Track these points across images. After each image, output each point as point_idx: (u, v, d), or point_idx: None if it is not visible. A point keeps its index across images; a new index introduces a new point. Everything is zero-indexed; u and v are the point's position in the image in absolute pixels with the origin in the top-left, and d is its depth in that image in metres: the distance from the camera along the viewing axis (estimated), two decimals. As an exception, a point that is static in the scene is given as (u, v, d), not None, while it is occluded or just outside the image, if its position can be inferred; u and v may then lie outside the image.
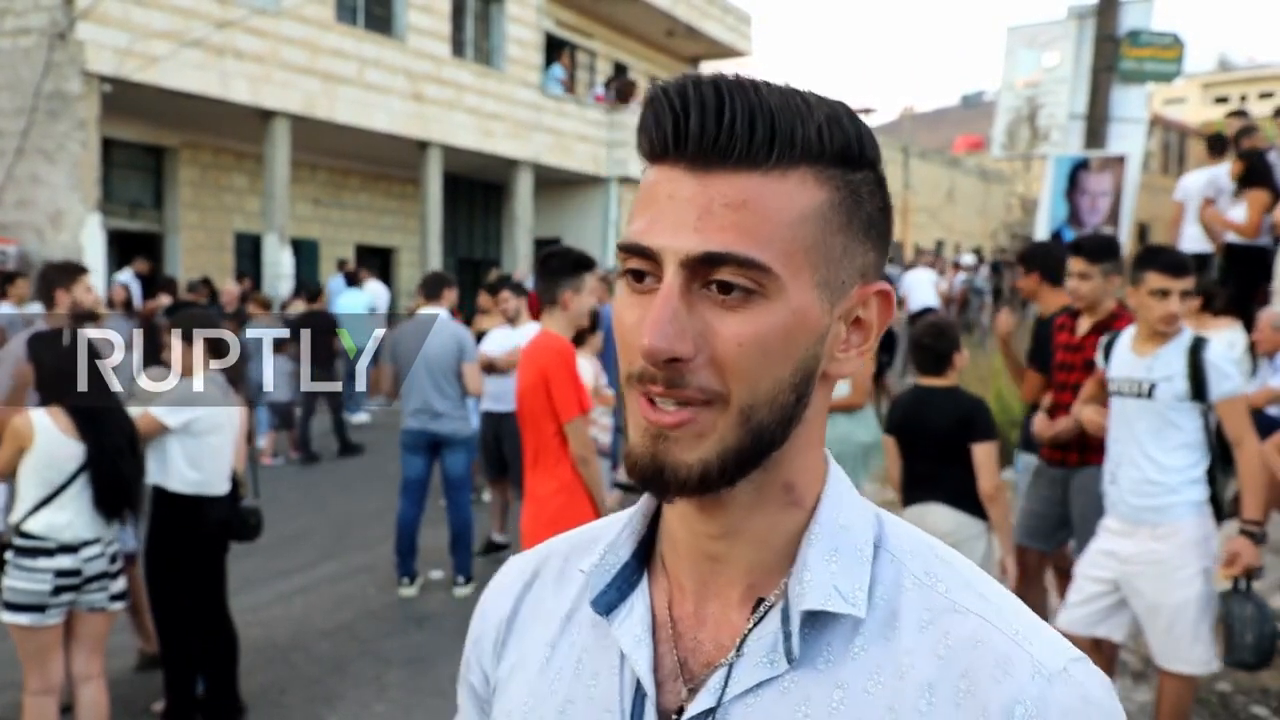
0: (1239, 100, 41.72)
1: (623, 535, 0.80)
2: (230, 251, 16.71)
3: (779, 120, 0.66)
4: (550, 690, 0.80)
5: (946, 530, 3.67)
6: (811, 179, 0.68)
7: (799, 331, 0.68)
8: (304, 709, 4.35)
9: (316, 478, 9.10)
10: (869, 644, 0.70)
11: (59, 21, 11.99)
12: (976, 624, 0.69)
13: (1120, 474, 3.45)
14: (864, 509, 0.75)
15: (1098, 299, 4.00)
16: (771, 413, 0.68)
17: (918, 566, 0.73)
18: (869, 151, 0.70)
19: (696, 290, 0.67)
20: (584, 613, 0.81)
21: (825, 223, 0.68)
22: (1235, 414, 3.28)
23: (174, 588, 3.93)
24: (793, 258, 0.67)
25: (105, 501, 3.42)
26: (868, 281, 0.72)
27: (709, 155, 0.66)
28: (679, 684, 0.74)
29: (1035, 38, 8.34)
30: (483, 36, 18.60)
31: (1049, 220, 7.88)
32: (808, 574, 0.70)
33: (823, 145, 0.67)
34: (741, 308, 0.66)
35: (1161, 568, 3.33)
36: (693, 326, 0.66)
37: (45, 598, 3.30)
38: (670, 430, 0.67)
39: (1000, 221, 32.70)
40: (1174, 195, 8.21)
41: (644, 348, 0.66)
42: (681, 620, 0.76)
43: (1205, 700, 4.03)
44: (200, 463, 3.88)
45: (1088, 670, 0.69)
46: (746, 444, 0.68)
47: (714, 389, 0.67)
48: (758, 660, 0.71)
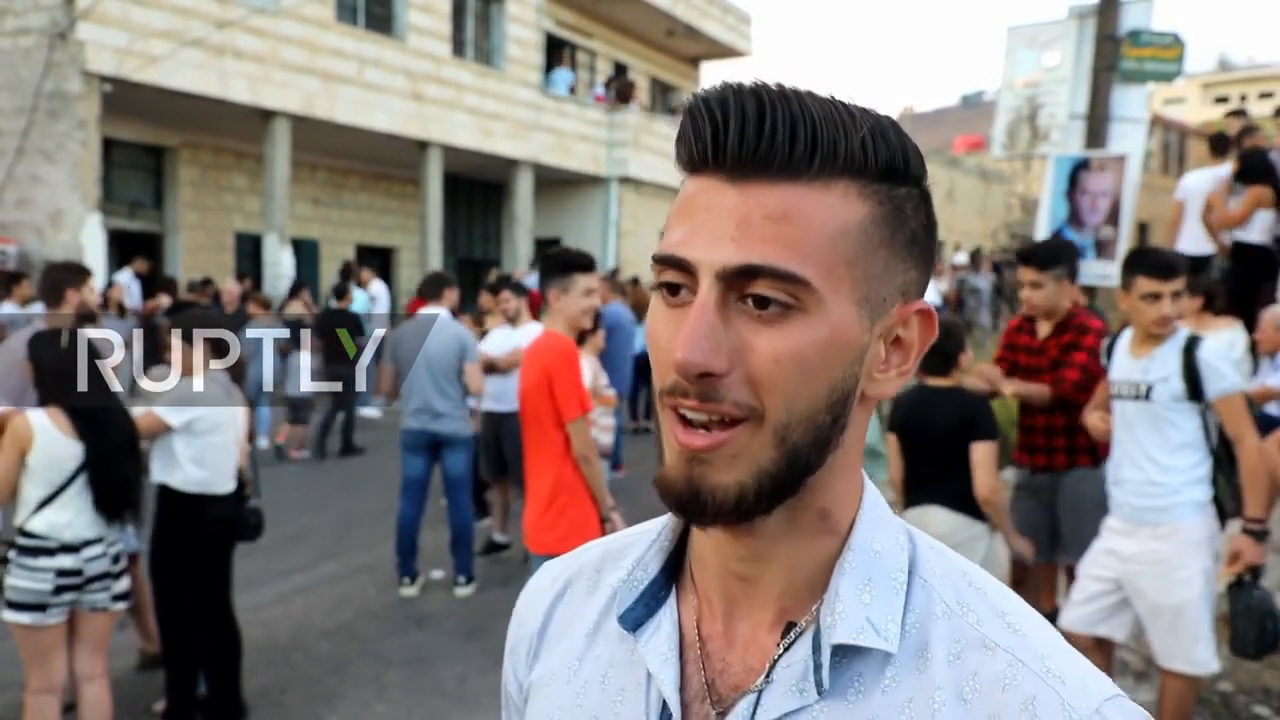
0: (1239, 100, 41.72)
1: (651, 551, 0.79)
2: (230, 251, 16.70)
3: (822, 130, 0.64)
4: (576, 704, 0.79)
5: (945, 533, 3.64)
6: (855, 192, 0.66)
7: (837, 349, 0.66)
8: (304, 709, 4.35)
9: (317, 478, 9.10)
10: (900, 675, 0.68)
11: (59, 21, 11.99)
12: (1005, 662, 0.67)
13: (1123, 475, 3.46)
14: (898, 531, 0.74)
15: (1054, 305, 4.02)
16: (806, 434, 0.66)
17: (949, 594, 0.71)
18: (914, 167, 0.69)
19: (733, 304, 0.65)
20: (612, 625, 0.79)
21: (867, 238, 0.66)
22: (1233, 411, 3.28)
23: (179, 586, 3.93)
24: (833, 272, 0.65)
25: (105, 502, 3.41)
26: (909, 300, 0.70)
27: (749, 165, 0.64)
28: (706, 706, 0.73)
29: (1035, 37, 8.34)
30: (483, 36, 18.60)
31: (1049, 220, 7.87)
32: (840, 605, 0.69)
33: (866, 158, 0.66)
34: (779, 323, 0.65)
35: (1163, 567, 3.33)
36: (728, 341, 0.65)
37: (47, 597, 3.30)
38: (704, 453, 0.66)
39: (1000, 221, 32.69)
40: (1175, 195, 8.21)
41: (678, 361, 0.64)
42: (710, 640, 0.75)
43: (1207, 700, 4.03)
44: (205, 461, 3.89)
45: (1123, 710, 0.66)
46: (783, 468, 0.66)
47: (749, 404, 0.65)
48: (787, 689, 0.69)
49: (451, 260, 19.63)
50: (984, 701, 0.66)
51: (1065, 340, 4.03)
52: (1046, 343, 4.07)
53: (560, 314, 3.73)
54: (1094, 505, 4.03)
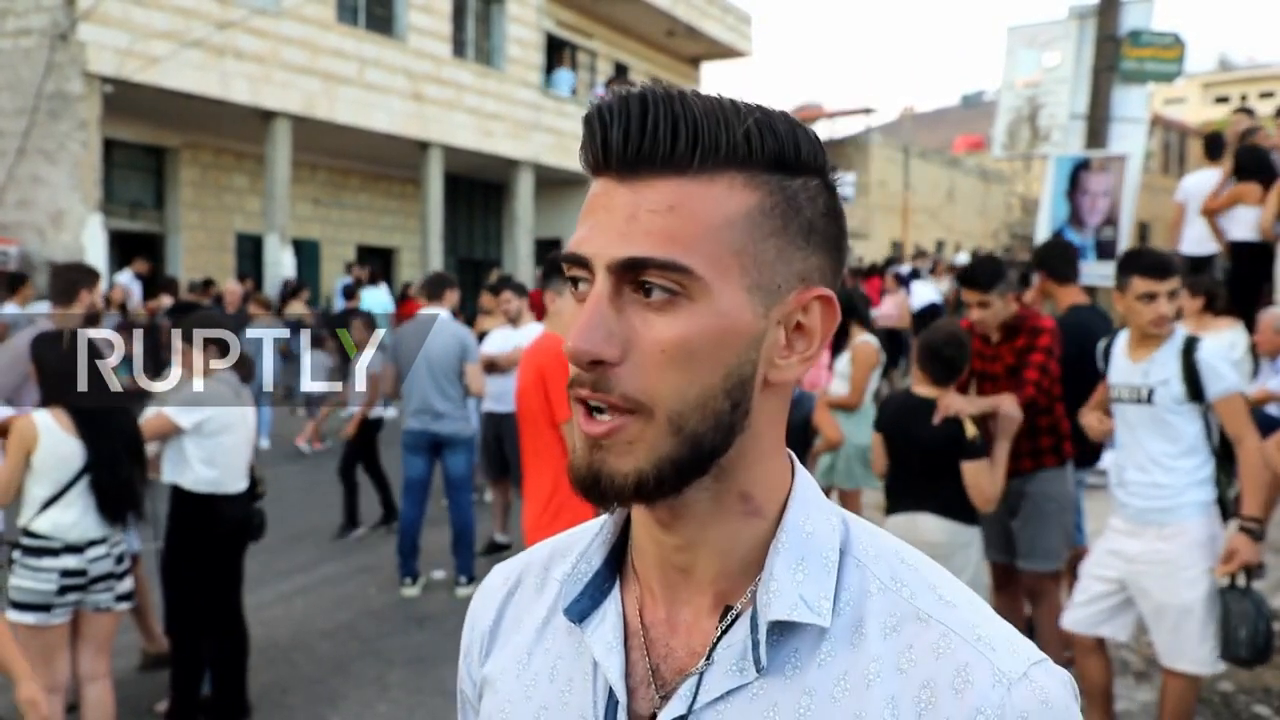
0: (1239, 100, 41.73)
1: (595, 543, 0.81)
2: (231, 252, 16.72)
3: (703, 125, 0.67)
4: (526, 696, 0.81)
5: (938, 541, 3.54)
6: (740, 184, 0.68)
7: (728, 335, 0.68)
8: (306, 709, 4.36)
9: (318, 478, 9.10)
10: (835, 650, 0.71)
11: (60, 22, 12.00)
12: (939, 632, 0.70)
13: (1127, 478, 3.46)
14: (829, 514, 0.76)
15: (1001, 320, 3.99)
16: (704, 420, 0.68)
17: (883, 571, 0.73)
18: (809, 158, 0.71)
19: (626, 295, 0.68)
20: (559, 619, 0.81)
21: (755, 226, 0.68)
22: (1233, 412, 3.28)
23: (190, 586, 3.94)
24: (719, 260, 0.67)
25: (106, 504, 3.41)
26: (809, 286, 0.71)
27: (636, 163, 0.68)
28: (651, 690, 0.75)
29: (1036, 37, 8.35)
30: (483, 36, 18.61)
31: (1050, 220, 7.88)
32: (774, 583, 0.71)
33: (751, 150, 0.68)
34: (667, 310, 0.67)
35: (1168, 567, 3.34)
36: (620, 331, 0.68)
37: (51, 597, 3.30)
38: (603, 439, 0.68)
39: (1001, 221, 32.71)
40: (1175, 196, 8.21)
41: (569, 350, 0.67)
42: (654, 626, 0.77)
43: (1207, 700, 4.03)
44: (215, 461, 3.91)
45: (1048, 672, 0.69)
46: (684, 453, 0.68)
47: (636, 399, 0.67)
48: (727, 668, 0.71)
49: (452, 261, 19.64)
50: (919, 671, 0.69)
51: (1019, 344, 3.98)
52: (1000, 349, 4.03)
53: (557, 316, 3.78)
54: (1059, 506, 4.03)
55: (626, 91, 0.69)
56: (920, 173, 30.08)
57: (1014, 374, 3.95)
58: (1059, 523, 4.05)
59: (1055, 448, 4.04)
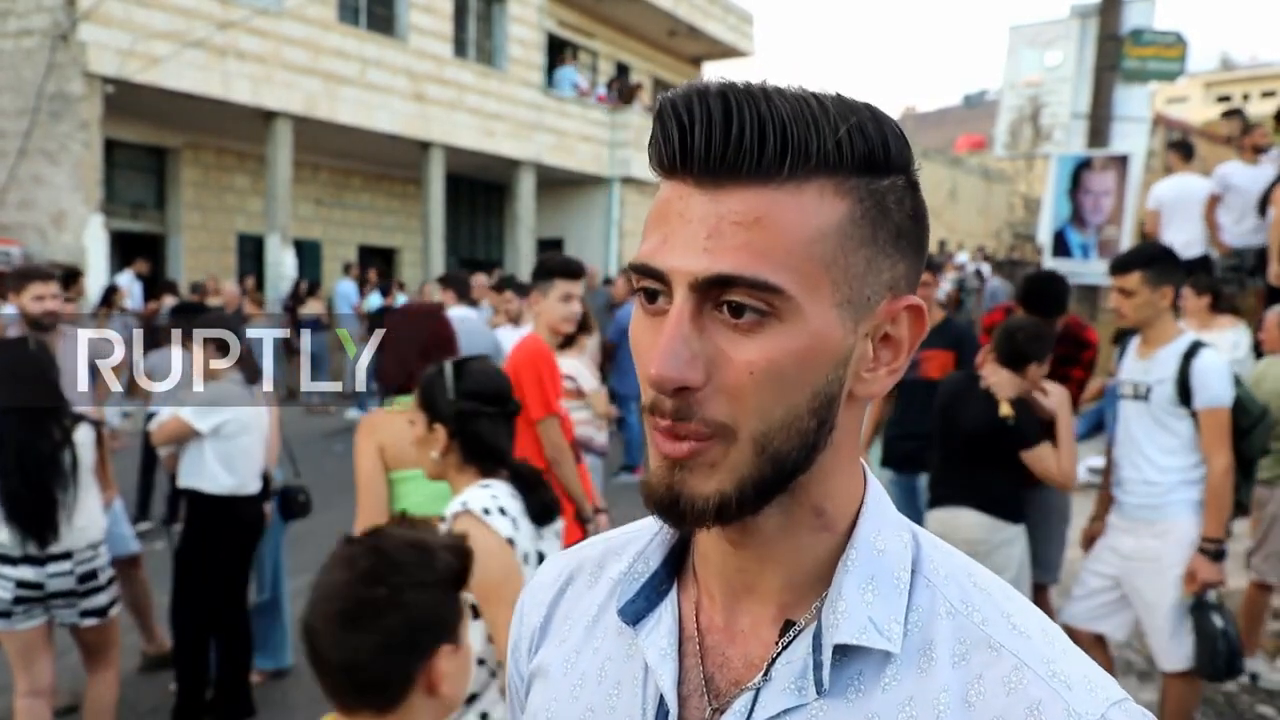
0: (1242, 99, 41.71)
1: (653, 543, 0.78)
2: (233, 252, 16.73)
3: (792, 130, 0.62)
4: (572, 696, 0.79)
5: (978, 538, 3.47)
6: (830, 191, 0.63)
7: (817, 355, 0.64)
8: (309, 709, 4.35)
9: (320, 478, 9.09)
10: (901, 674, 0.67)
11: (61, 23, 12.01)
12: (1011, 665, 0.66)
13: (1122, 475, 3.49)
14: (901, 529, 0.72)
15: None
16: (789, 440, 0.65)
17: (953, 593, 0.70)
18: (897, 156, 0.66)
19: (709, 312, 0.64)
20: (610, 618, 0.79)
21: (846, 238, 0.64)
22: (1212, 425, 3.26)
23: (204, 587, 3.94)
24: (810, 277, 0.63)
25: (15, 518, 3.19)
26: (897, 295, 0.67)
27: (718, 171, 0.62)
28: (704, 701, 0.72)
29: (1038, 37, 8.34)
30: (485, 37, 18.61)
31: (1052, 219, 7.88)
32: (842, 603, 0.68)
33: (841, 154, 0.63)
34: (755, 332, 0.63)
35: (1158, 565, 3.34)
36: (704, 352, 0.64)
37: (8, 605, 3.22)
38: (684, 460, 0.65)
39: (1003, 221, 32.68)
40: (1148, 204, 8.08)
41: (652, 377, 0.63)
42: (710, 633, 0.74)
43: (1211, 699, 4.03)
44: (234, 465, 3.89)
45: (1128, 713, 0.65)
46: (767, 473, 0.65)
47: (719, 421, 0.64)
48: (785, 686, 0.68)
49: (454, 261, 19.64)
50: (988, 706, 0.65)
51: (1059, 352, 3.90)
52: None
53: (540, 317, 3.79)
54: (1061, 518, 4.02)
55: (705, 87, 0.63)
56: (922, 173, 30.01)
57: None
58: (1060, 535, 4.03)
59: None
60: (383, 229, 19.77)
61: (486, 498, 2.01)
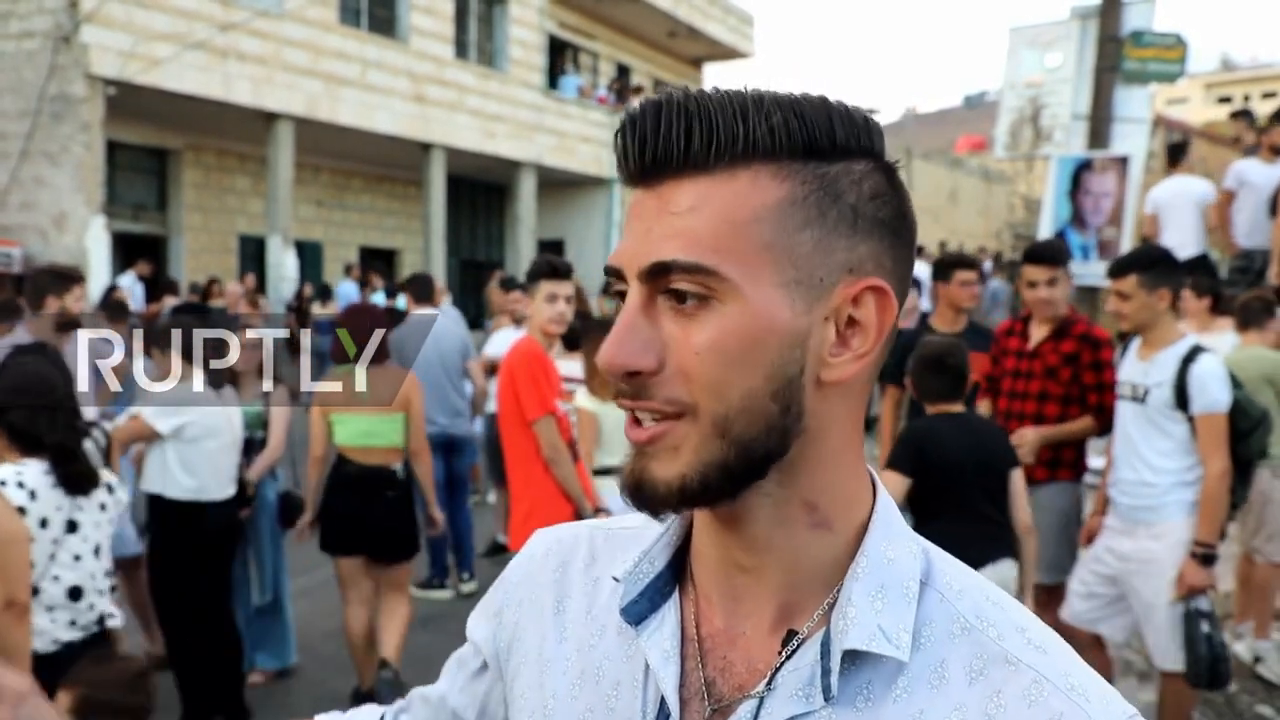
0: (1242, 100, 41.69)
1: (659, 544, 0.78)
2: (234, 254, 16.75)
3: (718, 120, 0.65)
4: (571, 695, 0.78)
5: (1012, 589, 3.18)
6: (767, 176, 0.65)
7: (764, 335, 0.65)
8: (309, 709, 4.35)
9: (320, 479, 9.11)
10: (913, 687, 0.67)
11: (63, 25, 12.03)
12: (1030, 679, 0.66)
13: (1119, 476, 3.49)
14: (910, 541, 0.72)
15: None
16: (752, 424, 0.66)
17: (967, 608, 0.70)
18: (849, 140, 0.67)
19: (660, 302, 0.67)
20: (611, 616, 0.79)
21: (786, 219, 0.65)
22: (1209, 430, 3.26)
23: (176, 595, 3.91)
24: (746, 257, 0.65)
25: None
26: (859, 277, 0.67)
27: (659, 169, 0.66)
28: (704, 705, 0.72)
29: (1038, 38, 8.35)
30: (485, 38, 18.63)
31: (1052, 221, 7.88)
32: (852, 610, 0.68)
33: (776, 140, 0.65)
34: (698, 314, 0.65)
35: (1155, 566, 3.35)
36: (658, 338, 0.66)
37: None
38: (646, 446, 0.67)
39: (1003, 221, 32.67)
40: (1145, 209, 8.07)
41: (601, 363, 0.67)
42: (710, 637, 0.74)
43: (1210, 699, 4.03)
44: (196, 469, 3.82)
45: None
46: (731, 457, 0.66)
47: (681, 400, 0.66)
48: (791, 693, 0.68)
49: (454, 262, 19.67)
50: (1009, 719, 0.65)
51: (1066, 349, 3.85)
52: (1041, 347, 3.90)
53: (531, 319, 3.85)
54: (1064, 521, 3.92)
55: (649, 99, 0.67)
56: (923, 173, 30.07)
57: (1052, 375, 3.85)
58: (1065, 536, 3.97)
59: (1075, 462, 3.95)
60: (384, 230, 19.79)
61: (11, 473, 2.57)
